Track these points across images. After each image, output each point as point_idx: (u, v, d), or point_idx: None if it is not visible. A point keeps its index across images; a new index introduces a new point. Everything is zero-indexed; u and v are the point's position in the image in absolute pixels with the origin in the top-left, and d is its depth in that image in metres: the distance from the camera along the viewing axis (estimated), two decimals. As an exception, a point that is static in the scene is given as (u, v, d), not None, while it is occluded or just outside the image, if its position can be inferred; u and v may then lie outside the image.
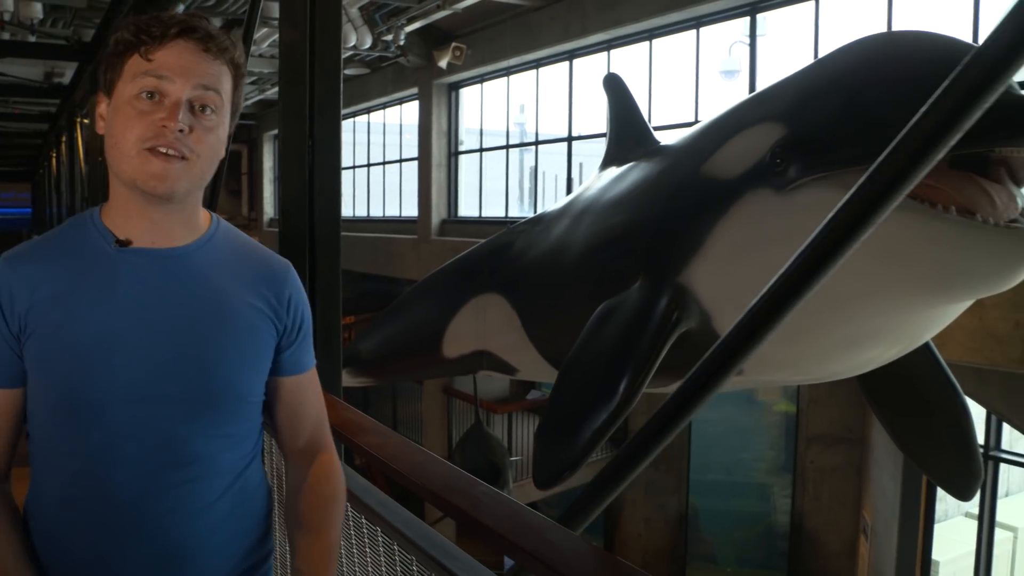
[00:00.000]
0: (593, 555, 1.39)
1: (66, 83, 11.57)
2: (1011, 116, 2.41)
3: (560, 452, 3.74)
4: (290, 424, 1.57)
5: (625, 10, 10.09)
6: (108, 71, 1.38)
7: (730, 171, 3.22)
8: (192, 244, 1.44)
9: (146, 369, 1.36)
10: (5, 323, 1.37)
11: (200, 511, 1.41)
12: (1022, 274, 2.52)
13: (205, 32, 1.36)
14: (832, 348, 3.23)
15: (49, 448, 1.40)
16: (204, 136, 1.36)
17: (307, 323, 1.56)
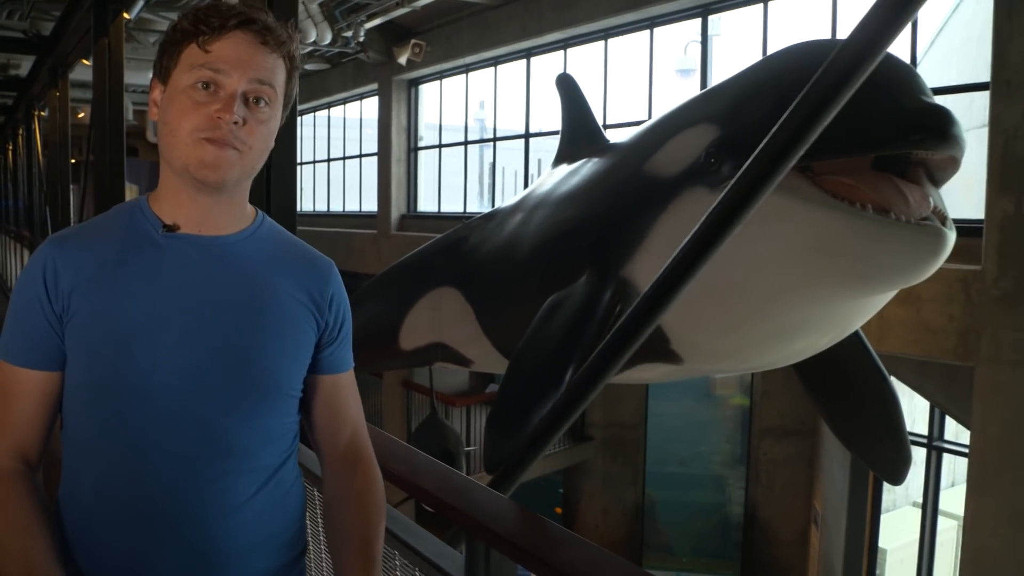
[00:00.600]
0: (515, 512, 1.54)
1: (23, 75, 11.43)
2: (920, 121, 2.60)
3: (508, 438, 3.83)
4: (329, 425, 1.54)
5: (581, 10, 10.25)
6: (164, 58, 1.37)
7: (669, 170, 3.39)
8: (238, 234, 1.43)
9: (188, 356, 1.35)
10: (49, 302, 1.35)
11: (236, 507, 1.38)
12: (932, 267, 2.71)
13: (263, 24, 1.35)
14: (769, 337, 3.40)
15: (85, 435, 1.37)
16: (257, 128, 1.35)
17: (348, 323, 1.54)
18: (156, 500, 1.34)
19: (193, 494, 1.35)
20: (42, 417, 1.38)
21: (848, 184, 2.79)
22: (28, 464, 1.37)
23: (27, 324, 1.36)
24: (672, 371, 4.13)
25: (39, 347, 1.36)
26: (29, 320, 1.36)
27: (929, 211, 2.76)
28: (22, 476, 1.35)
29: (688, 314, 3.46)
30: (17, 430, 1.37)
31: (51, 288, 1.34)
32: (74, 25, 6.65)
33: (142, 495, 1.34)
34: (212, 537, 1.36)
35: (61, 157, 9.19)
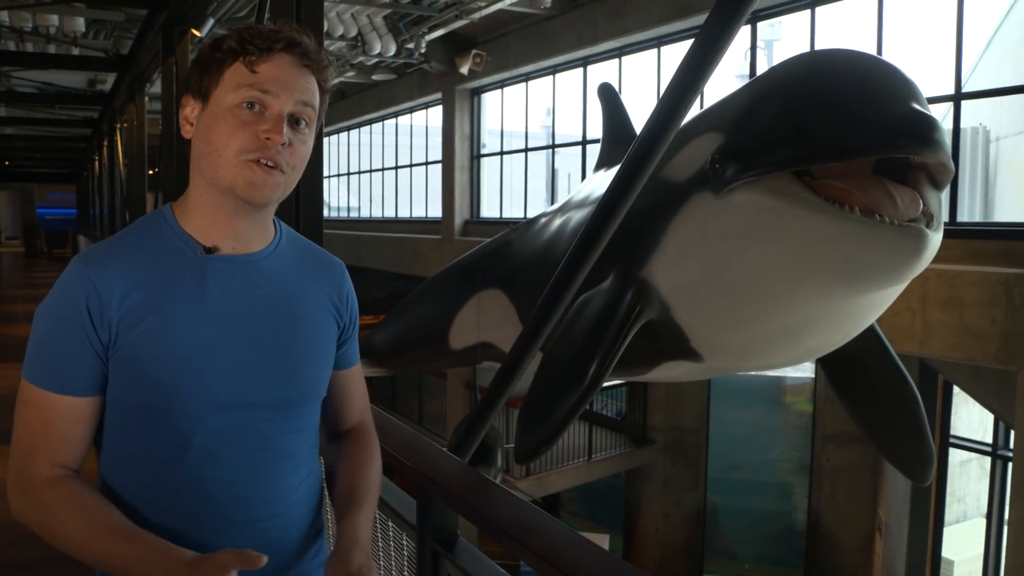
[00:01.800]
0: (462, 471, 1.76)
1: (107, 90, 12.08)
2: (901, 128, 2.72)
3: (536, 430, 4.03)
4: (342, 413, 1.62)
5: (633, 19, 10.45)
6: (204, 77, 1.37)
7: (681, 176, 3.56)
8: (266, 249, 1.46)
9: (239, 375, 1.38)
10: (95, 332, 1.34)
11: (287, 499, 1.45)
12: (913, 267, 2.82)
13: (307, 48, 1.38)
14: (778, 335, 3.53)
15: (138, 456, 1.39)
16: (299, 149, 1.38)
17: (357, 318, 1.60)
18: (220, 505, 1.39)
19: (254, 499, 1.41)
20: (84, 437, 1.39)
21: (840, 188, 2.91)
22: (75, 472, 1.39)
23: (68, 352, 1.35)
24: (696, 369, 4.28)
25: (82, 376, 1.35)
26: (70, 349, 1.34)
27: (917, 213, 2.86)
28: (73, 476, 1.37)
29: (702, 313, 3.63)
30: (58, 449, 1.36)
31: (96, 318, 1.33)
32: (148, 44, 7.10)
33: (207, 502, 1.38)
34: (273, 531, 1.43)
35: (139, 167, 9.74)
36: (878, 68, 3.00)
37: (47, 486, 1.33)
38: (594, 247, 2.57)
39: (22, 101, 13.35)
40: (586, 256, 2.56)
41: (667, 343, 3.93)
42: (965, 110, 7.84)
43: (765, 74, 3.38)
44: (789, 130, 2.94)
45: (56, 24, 9.15)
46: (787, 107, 2.99)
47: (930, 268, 6.57)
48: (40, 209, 39.10)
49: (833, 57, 3.21)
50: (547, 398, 4.00)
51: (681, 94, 2.52)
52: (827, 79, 2.96)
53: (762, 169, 3.00)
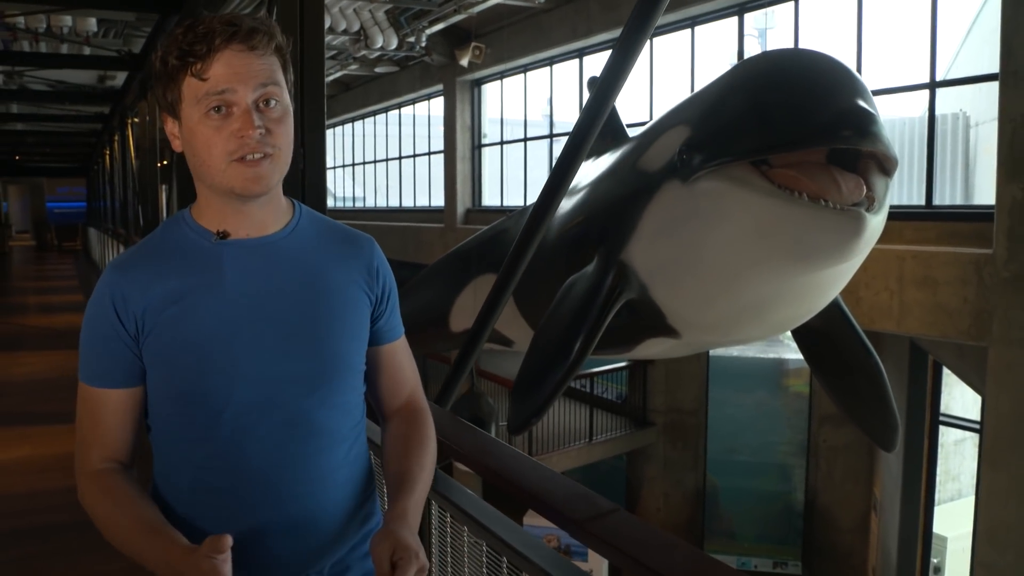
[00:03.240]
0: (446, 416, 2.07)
1: (118, 87, 12.37)
2: (839, 122, 3.03)
3: (527, 403, 4.34)
4: (389, 389, 1.63)
5: (625, 11, 10.47)
6: (167, 94, 1.39)
7: (654, 166, 3.87)
8: (283, 231, 1.48)
9: (264, 351, 1.41)
10: (122, 325, 1.40)
11: (324, 477, 1.46)
12: (854, 247, 3.13)
13: (248, 29, 1.35)
14: (743, 310, 3.84)
15: (178, 436, 1.44)
16: (277, 128, 1.38)
17: (394, 291, 1.61)
18: (254, 480, 1.42)
19: (289, 473, 1.43)
20: (129, 426, 1.46)
21: (792, 175, 3.22)
22: (122, 464, 1.46)
23: (105, 350, 1.43)
24: (676, 345, 4.60)
25: (119, 369, 1.43)
26: (106, 346, 1.42)
27: (860, 198, 3.17)
28: (118, 470, 1.44)
29: (676, 291, 3.95)
30: (107, 441, 1.45)
31: (122, 313, 1.40)
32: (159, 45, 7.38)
33: (241, 477, 1.42)
34: (307, 506, 1.45)
35: (150, 161, 10.05)
36: (825, 68, 3.30)
37: (92, 478, 1.43)
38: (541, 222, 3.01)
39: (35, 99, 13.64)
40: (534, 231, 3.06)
41: (647, 321, 4.24)
42: (947, 97, 8.11)
43: (727, 73, 3.70)
44: (745, 124, 3.25)
45: (69, 24, 9.47)
46: (743, 104, 3.31)
47: (906, 249, 6.93)
48: (50, 203, 39.36)
49: (787, 58, 3.53)
50: (536, 373, 4.31)
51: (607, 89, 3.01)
52: (779, 79, 3.27)
53: (722, 159, 3.32)
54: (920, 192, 7.62)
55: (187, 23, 1.38)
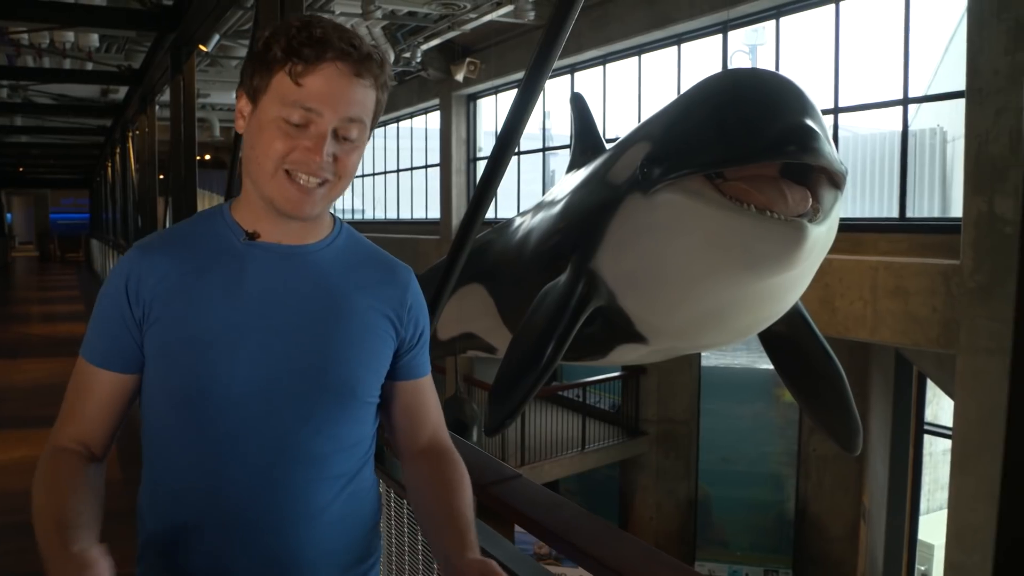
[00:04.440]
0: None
1: (120, 100, 12.62)
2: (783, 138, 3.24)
3: (503, 405, 4.54)
4: (410, 428, 1.52)
5: (614, 29, 10.95)
6: (256, 77, 1.33)
7: (619, 179, 4.08)
8: (317, 243, 1.42)
9: (265, 365, 1.33)
10: (129, 308, 1.35)
11: (313, 514, 1.36)
12: (796, 256, 3.32)
13: (360, 56, 1.30)
14: (705, 317, 4.03)
15: (163, 435, 1.38)
16: (346, 159, 1.33)
17: (427, 330, 1.53)
18: (233, 506, 1.33)
19: (270, 501, 1.34)
20: (112, 415, 1.40)
21: (743, 188, 3.43)
22: (90, 453, 1.38)
23: (108, 328, 1.38)
24: (647, 352, 4.80)
25: (117, 351, 1.37)
26: (110, 325, 1.37)
27: (806, 209, 3.37)
28: (79, 455, 1.36)
29: (641, 299, 4.15)
30: (85, 422, 1.39)
31: (132, 296, 1.35)
32: (157, 62, 7.64)
33: (219, 501, 1.34)
34: (289, 544, 1.35)
35: (150, 174, 10.29)
36: (774, 88, 3.50)
37: (52, 454, 1.36)
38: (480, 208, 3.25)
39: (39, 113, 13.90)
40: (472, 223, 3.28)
41: (616, 328, 4.44)
42: (925, 113, 8.33)
43: (686, 92, 3.91)
44: (697, 140, 3.47)
45: (71, 40, 9.73)
46: (696, 121, 3.53)
47: (879, 260, 7.13)
48: (53, 214, 39.60)
49: (739, 78, 3.74)
50: (511, 377, 4.51)
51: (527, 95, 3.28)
52: (729, 99, 3.48)
53: (678, 173, 3.53)
54: (894, 205, 7.83)
55: (305, 19, 1.32)
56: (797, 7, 8.82)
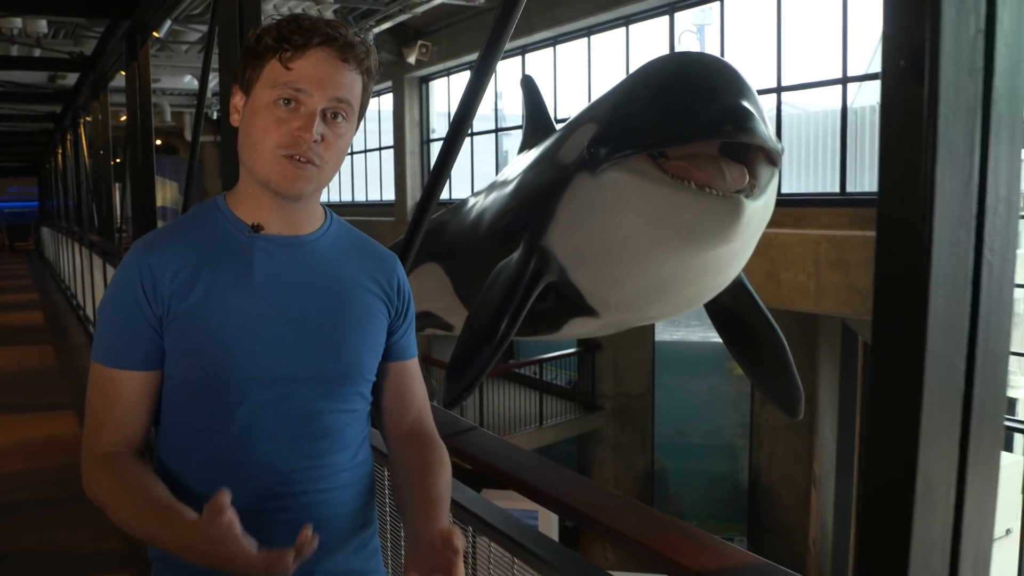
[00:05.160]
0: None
1: (69, 86, 12.49)
2: (720, 118, 3.43)
3: (459, 379, 4.71)
4: (396, 408, 1.61)
5: (564, 11, 11.14)
6: (247, 70, 1.41)
7: (568, 159, 4.26)
8: (314, 233, 1.50)
9: (284, 350, 1.41)
10: (149, 305, 1.40)
11: (332, 479, 1.46)
12: (734, 229, 3.52)
13: (344, 41, 1.38)
14: (651, 289, 4.22)
15: (191, 425, 1.43)
16: (334, 143, 1.40)
17: (412, 310, 1.62)
18: (263, 478, 1.41)
19: (296, 472, 1.43)
20: (145, 411, 1.45)
21: (683, 166, 3.62)
22: (133, 449, 1.44)
23: (127, 328, 1.41)
24: (599, 324, 5.00)
25: (140, 350, 1.41)
26: (129, 324, 1.41)
27: (743, 185, 3.57)
28: (125, 454, 1.42)
29: (590, 273, 4.34)
30: (120, 426, 1.43)
31: (150, 293, 1.39)
32: (110, 49, 7.63)
33: (251, 474, 1.41)
34: (314, 507, 1.44)
35: (104, 160, 10.24)
36: (712, 71, 3.69)
37: (100, 461, 1.40)
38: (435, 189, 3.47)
39: (-15, 100, 13.71)
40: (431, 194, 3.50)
41: (568, 302, 4.62)
42: (867, 91, 8.61)
43: (629, 76, 4.10)
44: (639, 122, 3.65)
45: (19, 26, 9.62)
46: (638, 103, 3.71)
47: (821, 234, 7.39)
48: (0, 203, 38.82)
49: (678, 62, 3.93)
50: (467, 352, 4.68)
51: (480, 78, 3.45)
52: (669, 82, 3.66)
53: (622, 153, 3.72)
54: (835, 180, 8.12)
55: (293, 14, 1.43)
56: (740, -11, 9.04)
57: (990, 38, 0.82)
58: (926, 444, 0.84)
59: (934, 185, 0.79)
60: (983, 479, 0.92)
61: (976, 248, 0.84)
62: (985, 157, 0.83)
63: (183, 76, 15.24)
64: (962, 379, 0.86)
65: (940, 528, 0.88)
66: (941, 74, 0.79)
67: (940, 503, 0.87)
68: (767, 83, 8.80)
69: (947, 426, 0.87)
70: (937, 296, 0.83)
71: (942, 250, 0.81)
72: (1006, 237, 0.86)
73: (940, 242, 0.80)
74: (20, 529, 4.11)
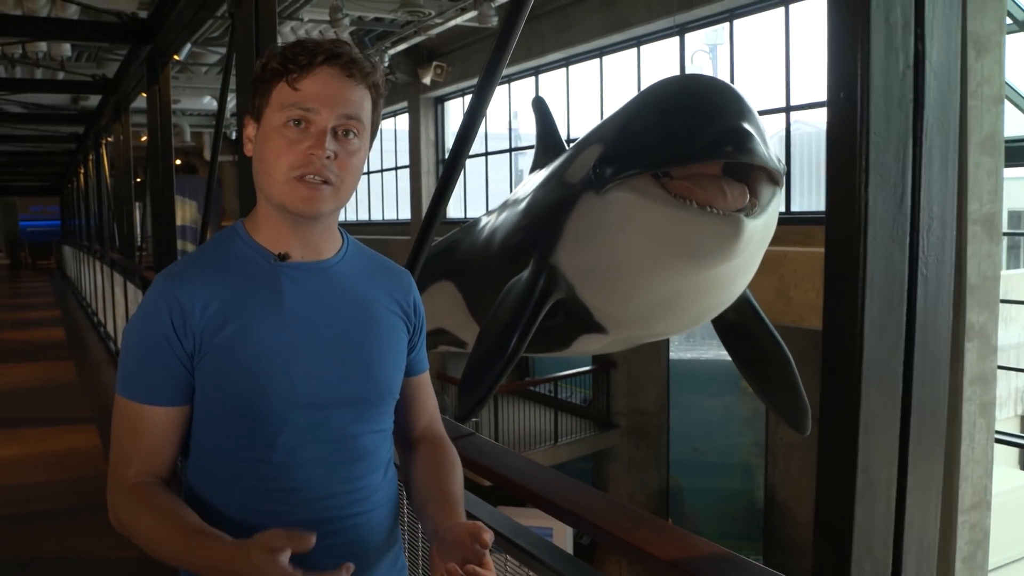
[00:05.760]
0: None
1: (92, 107, 12.73)
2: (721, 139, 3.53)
3: (471, 394, 4.80)
4: (410, 418, 1.65)
5: (575, 32, 11.32)
6: (256, 97, 1.43)
7: (575, 178, 4.37)
8: (335, 257, 1.51)
9: (318, 376, 1.42)
10: (179, 342, 1.39)
11: (368, 501, 1.48)
12: (739, 247, 3.60)
13: (349, 58, 1.39)
14: (658, 305, 4.31)
15: (230, 457, 1.43)
16: (348, 161, 1.41)
17: (425, 325, 1.65)
18: (306, 503, 1.42)
19: (337, 495, 1.44)
20: (174, 445, 1.45)
21: (686, 186, 3.72)
22: (161, 480, 1.43)
23: (155, 364, 1.41)
24: (608, 341, 5.09)
25: (168, 385, 1.41)
26: (158, 360, 1.40)
27: (744, 204, 3.66)
28: (152, 484, 1.42)
29: (597, 291, 4.43)
30: (149, 457, 1.43)
31: (179, 328, 1.39)
32: (132, 71, 7.81)
33: (294, 500, 1.42)
34: (356, 527, 1.46)
35: (125, 179, 10.43)
36: (714, 93, 3.78)
37: (128, 492, 1.40)
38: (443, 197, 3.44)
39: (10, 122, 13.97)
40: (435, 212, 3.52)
41: (577, 319, 4.71)
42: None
43: (634, 98, 4.20)
44: (643, 142, 3.76)
45: (44, 50, 9.86)
46: (642, 125, 3.82)
47: (830, 252, 7.43)
48: (22, 221, 39.23)
49: (683, 84, 4.04)
50: (478, 368, 4.78)
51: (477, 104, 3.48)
52: (672, 104, 3.77)
53: (627, 173, 3.82)
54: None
55: (298, 40, 1.46)
56: (748, 10, 9.15)
57: (919, 73, 0.91)
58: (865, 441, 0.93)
59: (867, 206, 0.88)
60: (925, 475, 1.00)
61: (911, 263, 0.93)
62: (917, 181, 0.92)
63: (203, 97, 15.51)
64: (900, 381, 0.95)
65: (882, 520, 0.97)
66: (872, 106, 0.88)
67: (881, 497, 0.96)
68: (777, 102, 8.89)
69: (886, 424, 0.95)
70: (872, 306, 0.91)
71: (876, 264, 0.89)
72: (941, 253, 0.95)
73: (874, 257, 0.89)
74: (40, 538, 4.24)
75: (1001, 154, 6.19)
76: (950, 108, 0.93)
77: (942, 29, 0.92)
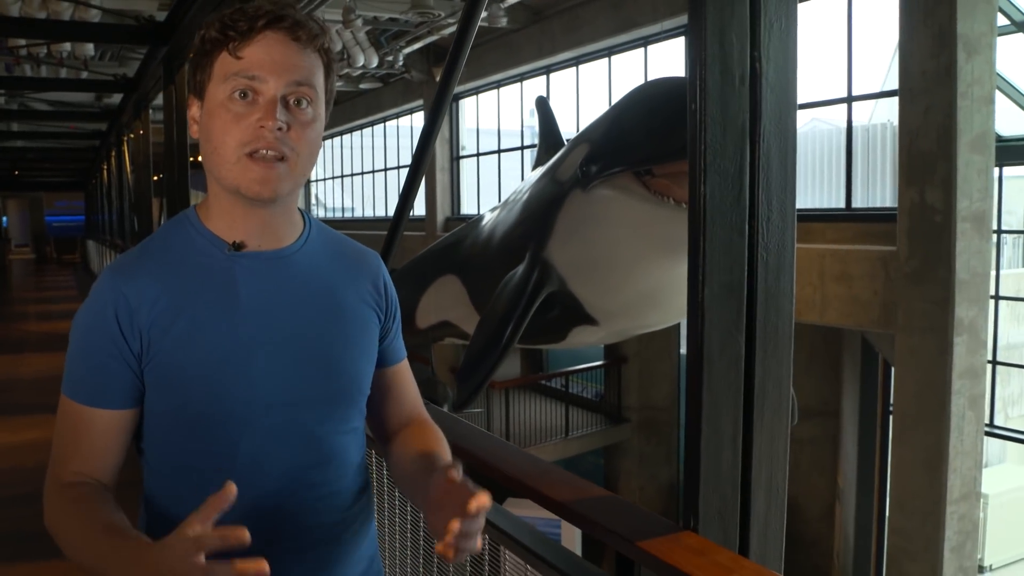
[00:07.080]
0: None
1: (115, 104, 13.04)
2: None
3: (468, 382, 5.01)
4: (395, 412, 1.55)
5: (585, 32, 11.51)
6: (198, 72, 1.29)
7: (564, 177, 4.57)
8: (296, 243, 1.38)
9: (280, 374, 1.31)
10: (125, 342, 1.27)
11: (338, 503, 1.39)
12: (709, 242, 3.81)
13: (294, 21, 1.26)
14: (643, 297, 4.51)
15: (189, 467, 1.31)
16: (303, 132, 1.27)
17: (399, 311, 1.52)
18: (273, 509, 1.31)
19: (305, 499, 1.34)
20: (116, 449, 1.32)
21: (665, 183, 3.92)
22: (99, 482, 1.30)
23: (99, 365, 1.28)
24: (601, 333, 5.29)
25: (114, 388, 1.29)
26: (102, 361, 1.28)
27: None
28: (88, 483, 1.28)
29: (586, 283, 4.63)
30: (88, 461, 1.30)
31: (126, 328, 1.27)
32: (151, 71, 8.09)
33: (260, 508, 1.29)
34: (323, 531, 1.37)
35: (145, 176, 10.72)
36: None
37: (61, 491, 1.27)
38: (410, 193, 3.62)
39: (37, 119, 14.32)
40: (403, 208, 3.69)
41: (569, 311, 4.91)
42: (882, 108, 8.80)
43: (619, 100, 4.40)
44: (624, 142, 3.96)
45: (68, 50, 10.18)
46: (625, 124, 4.02)
47: (826, 248, 7.59)
48: (48, 216, 39.77)
49: (660, 87, 4.23)
50: (475, 357, 4.99)
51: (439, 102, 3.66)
52: (652, 106, 3.96)
53: (609, 171, 4.02)
54: (841, 196, 8.32)
55: (237, 5, 1.34)
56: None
57: (755, 87, 1.10)
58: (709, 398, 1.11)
59: (706, 200, 1.06)
60: (771, 430, 1.19)
61: (750, 247, 1.11)
62: (755, 179, 1.10)
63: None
64: (742, 348, 1.13)
65: (728, 465, 1.15)
66: (708, 117, 1.06)
67: (727, 445, 1.14)
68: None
69: (729, 384, 1.13)
70: (712, 282, 1.10)
71: (714, 248, 1.08)
72: (781, 240, 1.13)
73: (713, 242, 1.07)
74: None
75: (992, 153, 6.33)
76: (788, 116, 1.11)
77: (777, 51, 1.10)
